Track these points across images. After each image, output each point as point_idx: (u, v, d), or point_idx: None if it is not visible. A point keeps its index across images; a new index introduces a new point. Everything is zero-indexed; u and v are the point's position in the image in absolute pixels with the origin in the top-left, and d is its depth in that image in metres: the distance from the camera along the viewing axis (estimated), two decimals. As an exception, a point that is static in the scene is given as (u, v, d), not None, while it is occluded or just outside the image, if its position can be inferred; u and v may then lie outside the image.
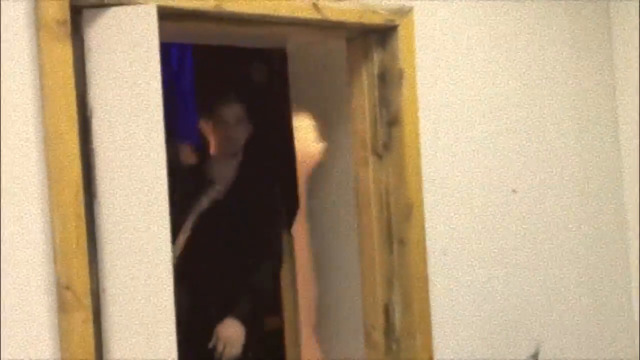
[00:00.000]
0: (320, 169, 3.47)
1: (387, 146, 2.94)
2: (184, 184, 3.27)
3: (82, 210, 2.23)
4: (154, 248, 2.33)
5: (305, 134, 3.63)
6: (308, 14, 2.66)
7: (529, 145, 3.27)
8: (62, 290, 2.19)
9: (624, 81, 3.52)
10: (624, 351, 3.52)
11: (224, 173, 3.36)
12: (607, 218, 3.51)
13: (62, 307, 2.20)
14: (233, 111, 3.34)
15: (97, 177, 2.30)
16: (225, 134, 3.34)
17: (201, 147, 4.28)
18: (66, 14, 2.21)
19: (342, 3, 2.74)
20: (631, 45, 3.50)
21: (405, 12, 2.89)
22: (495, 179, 3.18)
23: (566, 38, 3.40)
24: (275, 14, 2.60)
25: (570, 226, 3.39)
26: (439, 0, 3.02)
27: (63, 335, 2.20)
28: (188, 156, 4.51)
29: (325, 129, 3.51)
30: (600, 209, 3.49)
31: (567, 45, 3.40)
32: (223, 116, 3.34)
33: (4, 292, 2.14)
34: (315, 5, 2.67)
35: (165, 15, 2.39)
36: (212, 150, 3.42)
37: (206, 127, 3.42)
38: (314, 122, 3.58)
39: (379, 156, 2.96)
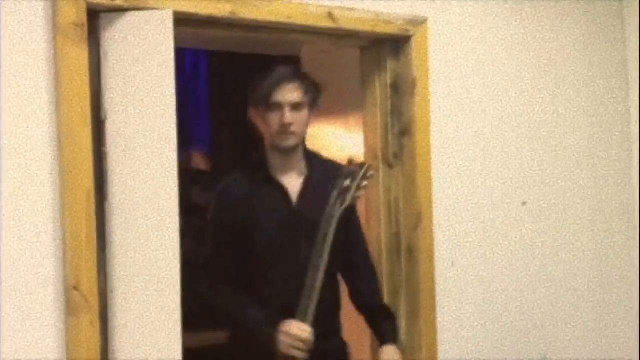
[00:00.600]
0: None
1: (398, 156, 2.95)
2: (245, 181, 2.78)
3: (93, 211, 2.25)
4: (163, 250, 2.35)
5: (317, 142, 3.63)
6: (323, 22, 2.68)
7: (540, 157, 3.27)
8: (70, 290, 2.21)
9: (638, 88, 3.48)
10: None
11: (284, 169, 2.79)
12: (617, 230, 3.49)
13: (70, 307, 2.21)
14: (286, 93, 2.73)
15: (109, 180, 2.32)
16: (278, 121, 2.73)
17: (213, 153, 4.27)
18: (83, 18, 2.24)
19: (356, 12, 2.75)
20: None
21: (419, 22, 2.90)
22: (505, 190, 3.18)
23: (579, 45, 3.38)
24: (290, 21, 2.62)
25: (579, 239, 3.38)
26: (452, 11, 3.03)
27: (69, 335, 2.22)
28: (199, 163, 4.51)
29: (337, 137, 3.52)
30: (610, 221, 3.47)
31: (580, 52, 3.39)
32: (275, 99, 2.72)
33: (12, 291, 2.16)
34: (330, 14, 2.68)
35: (181, 20, 2.41)
36: (266, 142, 2.82)
37: (256, 116, 2.81)
38: (326, 130, 3.59)
39: (390, 165, 2.97)
